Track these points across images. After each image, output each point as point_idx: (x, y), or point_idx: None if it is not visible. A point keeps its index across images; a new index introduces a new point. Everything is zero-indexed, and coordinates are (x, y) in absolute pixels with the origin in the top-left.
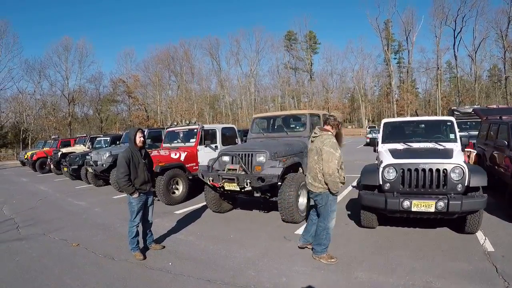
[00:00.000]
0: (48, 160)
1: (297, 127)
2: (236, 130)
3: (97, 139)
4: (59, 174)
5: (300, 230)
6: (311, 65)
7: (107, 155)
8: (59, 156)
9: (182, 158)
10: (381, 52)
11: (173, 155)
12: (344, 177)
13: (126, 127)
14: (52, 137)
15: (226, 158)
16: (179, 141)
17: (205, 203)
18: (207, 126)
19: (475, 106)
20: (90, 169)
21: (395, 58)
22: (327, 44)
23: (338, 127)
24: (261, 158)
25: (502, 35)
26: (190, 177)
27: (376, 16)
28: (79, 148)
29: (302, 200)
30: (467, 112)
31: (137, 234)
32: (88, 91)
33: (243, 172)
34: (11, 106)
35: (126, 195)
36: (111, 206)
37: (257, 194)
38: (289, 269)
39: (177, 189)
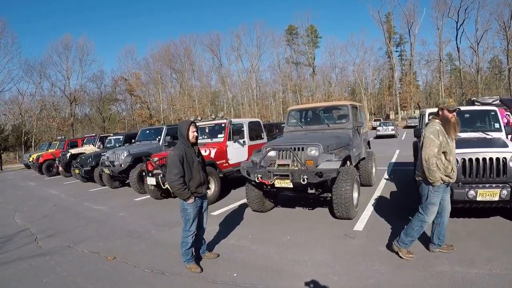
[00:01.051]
0: (56, 162)
1: (339, 119)
2: (262, 124)
3: (108, 138)
4: (68, 176)
5: (357, 226)
6: (313, 59)
7: (125, 154)
8: (68, 157)
9: (212, 155)
10: (382, 45)
11: (203, 152)
12: (453, 170)
13: (130, 126)
14: (58, 138)
15: (272, 153)
16: (205, 137)
17: (240, 202)
18: (234, 121)
19: (495, 97)
20: (106, 170)
21: (396, 51)
22: (328, 38)
23: (450, 115)
24: (314, 152)
25: (504, 26)
26: (221, 175)
27: (378, 9)
28: (88, 149)
29: (355, 195)
30: (488, 102)
31: (192, 244)
32: (90, 90)
33: (296, 168)
34: (10, 108)
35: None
36: (136, 210)
37: (311, 191)
38: (369, 269)
39: (209, 188)
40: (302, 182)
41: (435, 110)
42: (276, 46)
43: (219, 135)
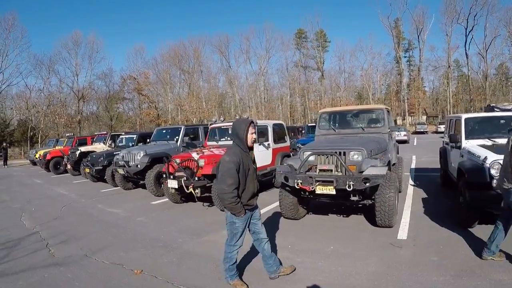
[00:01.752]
0: (65, 159)
1: (373, 123)
2: (285, 127)
3: (120, 137)
4: (76, 175)
5: (401, 235)
6: (322, 63)
7: (142, 154)
8: (77, 155)
9: None
10: (390, 50)
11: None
12: None
13: (138, 126)
14: (66, 135)
15: (311, 157)
16: (228, 138)
17: (267, 208)
18: (259, 122)
19: None
20: (120, 171)
21: (405, 57)
22: (338, 42)
23: None
24: (357, 157)
25: None
26: None
27: (388, 15)
28: (99, 147)
29: (397, 202)
30: (508, 109)
31: (236, 259)
32: (98, 88)
33: (340, 173)
34: (17, 103)
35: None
36: (155, 215)
37: (354, 198)
38: (428, 280)
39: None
40: (348, 189)
41: (473, 115)
42: (285, 50)
43: None
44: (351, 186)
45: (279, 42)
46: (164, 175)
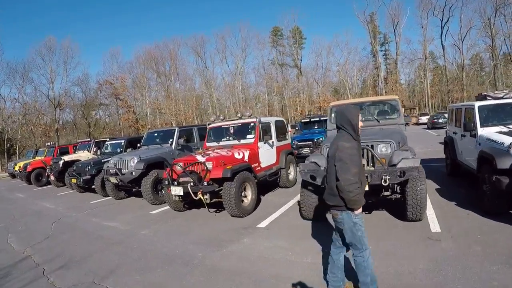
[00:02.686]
0: (47, 170)
1: (389, 114)
2: (286, 123)
3: (106, 143)
4: (60, 186)
5: (433, 228)
6: (301, 60)
7: (136, 160)
8: (61, 165)
9: (246, 158)
10: (366, 45)
11: (236, 155)
12: None
13: (120, 131)
14: (47, 144)
15: None
16: (230, 138)
17: (281, 209)
18: (262, 119)
19: (505, 91)
20: (112, 179)
21: (381, 50)
22: (315, 38)
23: None
24: (385, 149)
25: (489, 23)
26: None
27: (363, 9)
28: (83, 155)
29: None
30: (500, 97)
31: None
32: (75, 95)
33: (372, 168)
34: None
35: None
36: (160, 226)
37: (386, 193)
38: (484, 270)
39: (245, 196)
40: (383, 184)
41: (486, 103)
42: (261, 48)
43: (248, 136)
44: (387, 180)
45: (255, 41)
46: (166, 182)
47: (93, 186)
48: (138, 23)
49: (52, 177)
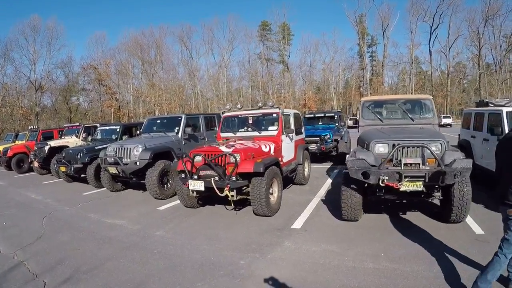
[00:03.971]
0: (31, 156)
1: (423, 113)
2: (301, 117)
3: (98, 128)
4: (44, 174)
5: (475, 229)
6: (288, 56)
7: (140, 149)
8: (46, 151)
9: (272, 152)
10: (353, 45)
11: (264, 148)
12: None
13: (98, 118)
14: (29, 127)
15: (381, 149)
16: (249, 129)
17: (309, 208)
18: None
19: (506, 99)
20: (112, 169)
21: (368, 52)
22: (302, 35)
23: None
24: (435, 149)
25: (478, 31)
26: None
27: (354, 10)
28: (71, 141)
29: None
30: (501, 104)
31: None
32: (57, 78)
33: (427, 167)
34: None
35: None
36: (175, 226)
37: (437, 193)
38: None
39: (271, 193)
40: (441, 184)
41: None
42: (248, 42)
43: (270, 127)
44: (444, 180)
45: (242, 34)
46: (183, 175)
47: (82, 175)
48: (125, 8)
49: (36, 164)
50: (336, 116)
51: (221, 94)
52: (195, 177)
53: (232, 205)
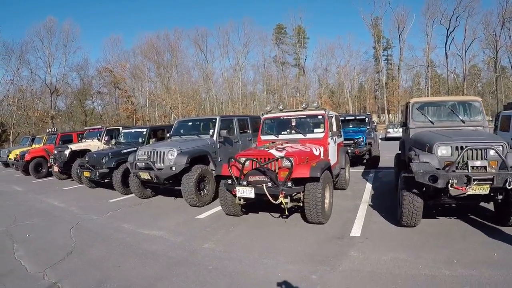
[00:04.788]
0: (50, 160)
1: (473, 116)
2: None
3: (123, 131)
4: (63, 179)
5: None
6: (305, 59)
7: (176, 153)
8: (67, 155)
9: (322, 156)
10: (368, 48)
11: (315, 151)
12: None
13: (114, 123)
14: (47, 130)
15: (444, 151)
16: (293, 131)
17: (361, 215)
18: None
19: None
20: (144, 175)
21: (384, 55)
22: (318, 39)
23: None
24: (496, 151)
25: (495, 34)
26: None
27: (370, 13)
28: (93, 144)
29: None
30: None
31: None
32: (73, 81)
33: (493, 170)
34: None
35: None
36: (223, 237)
37: (500, 196)
38: None
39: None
40: (507, 187)
41: None
42: (263, 45)
43: (316, 130)
44: (511, 183)
45: (257, 37)
46: (229, 181)
47: (106, 180)
48: (141, 11)
49: (55, 168)
50: (366, 119)
51: (236, 98)
52: (244, 183)
53: (286, 212)
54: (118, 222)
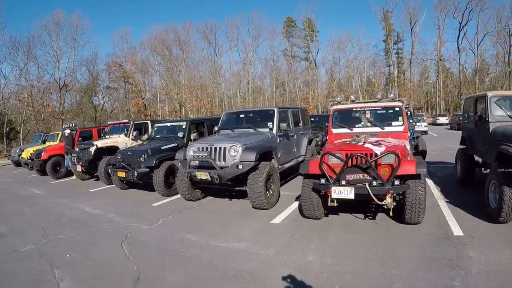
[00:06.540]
0: (73, 159)
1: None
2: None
3: (157, 125)
4: (85, 179)
5: None
6: (317, 53)
7: (240, 149)
8: (92, 152)
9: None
10: (378, 42)
11: (407, 146)
12: None
13: (124, 118)
14: (65, 126)
15: None
16: (368, 124)
17: (447, 212)
18: None
19: None
20: (203, 175)
21: (394, 49)
22: (328, 32)
23: None
24: None
25: (509, 28)
26: None
27: (382, 6)
28: (120, 141)
29: None
30: None
31: None
32: (82, 76)
33: None
34: None
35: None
36: (321, 243)
37: None
38: None
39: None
40: None
41: None
42: (273, 38)
43: (395, 123)
44: None
45: (267, 31)
46: (322, 180)
47: (141, 181)
48: (150, 4)
49: (78, 168)
50: (408, 112)
51: (245, 92)
52: (343, 182)
53: (391, 213)
54: (179, 232)
